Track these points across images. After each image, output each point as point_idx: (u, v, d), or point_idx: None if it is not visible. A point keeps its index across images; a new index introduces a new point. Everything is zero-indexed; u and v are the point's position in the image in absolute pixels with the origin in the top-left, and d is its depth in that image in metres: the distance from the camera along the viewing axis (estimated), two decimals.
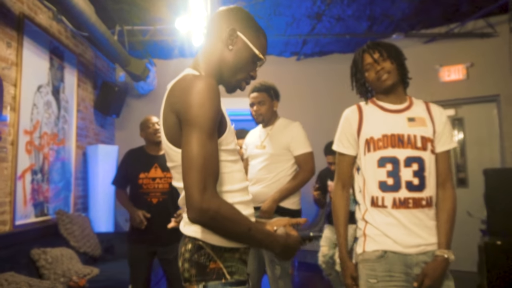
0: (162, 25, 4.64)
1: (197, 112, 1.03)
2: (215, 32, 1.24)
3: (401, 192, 1.54)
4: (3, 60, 3.21)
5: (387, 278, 1.52)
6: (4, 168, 3.22)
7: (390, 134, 1.56)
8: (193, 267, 1.13)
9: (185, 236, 1.18)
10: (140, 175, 2.85)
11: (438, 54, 5.07)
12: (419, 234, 1.52)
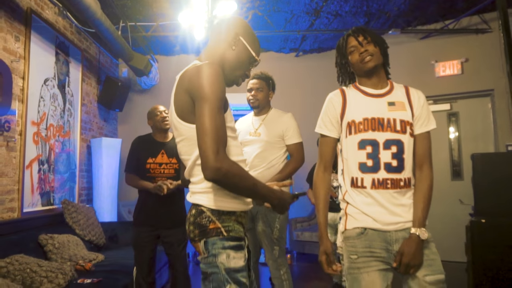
0: (164, 21, 4.76)
1: (209, 90, 1.24)
2: (221, 34, 1.47)
3: (380, 173, 1.59)
4: (11, 53, 3.34)
5: (368, 254, 1.58)
6: (12, 157, 3.35)
7: (371, 118, 1.62)
8: (196, 228, 1.33)
9: (191, 205, 1.38)
10: (147, 160, 2.97)
11: (433, 49, 5.19)
12: (397, 212, 1.58)
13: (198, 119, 1.23)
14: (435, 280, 1.53)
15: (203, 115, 1.22)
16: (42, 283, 2.48)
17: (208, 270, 1.28)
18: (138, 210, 3.01)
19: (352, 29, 1.72)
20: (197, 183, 1.36)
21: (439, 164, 5.22)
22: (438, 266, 1.56)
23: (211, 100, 1.23)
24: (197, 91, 1.25)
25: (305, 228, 5.32)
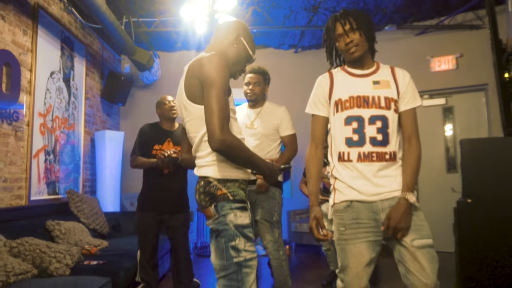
0: (166, 17, 4.88)
1: (216, 75, 1.47)
2: (225, 34, 1.69)
3: (365, 147, 1.69)
4: (19, 46, 3.46)
5: (355, 225, 1.68)
6: (20, 146, 3.47)
7: (356, 96, 1.72)
8: (206, 196, 1.55)
9: (198, 178, 1.60)
10: (154, 146, 3.09)
11: (429, 45, 5.31)
12: (381, 184, 1.68)
13: (206, 99, 1.46)
14: (423, 244, 1.61)
15: (210, 97, 1.44)
16: (51, 263, 2.60)
17: (220, 228, 1.50)
18: (142, 196, 3.12)
19: (340, 13, 1.77)
20: (203, 157, 1.57)
21: (434, 157, 5.35)
22: (425, 231, 1.64)
23: (217, 85, 1.45)
24: (206, 76, 1.48)
25: (304, 219, 5.44)
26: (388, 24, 5.14)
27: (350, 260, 1.68)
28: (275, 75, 3.10)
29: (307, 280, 4.00)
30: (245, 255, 1.49)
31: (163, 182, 3.02)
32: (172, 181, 3.03)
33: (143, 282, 3.06)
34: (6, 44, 3.26)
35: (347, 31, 1.72)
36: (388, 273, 3.97)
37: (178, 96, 1.67)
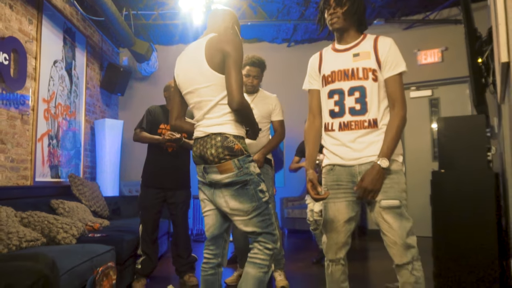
0: (164, 10, 5.08)
1: (237, 52, 1.79)
2: (222, 20, 1.98)
3: (345, 117, 1.82)
4: (25, 34, 3.65)
5: (335, 186, 1.85)
6: (26, 129, 3.66)
7: (337, 70, 1.86)
8: (225, 150, 1.78)
9: (211, 135, 1.82)
10: (160, 125, 3.28)
11: (416, 39, 5.55)
12: (359, 149, 1.80)
13: (229, 71, 1.77)
14: (388, 205, 1.73)
15: (234, 69, 1.77)
16: (58, 232, 2.79)
17: (247, 178, 1.81)
18: (146, 172, 3.30)
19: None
20: (218, 117, 1.83)
21: (421, 146, 5.60)
22: (394, 193, 1.74)
23: (238, 60, 1.79)
24: (229, 52, 1.78)
25: (296, 206, 5.65)
26: (377, 18, 5.37)
27: (330, 216, 1.88)
28: (268, 68, 3.34)
29: (299, 259, 4.21)
30: (267, 194, 1.87)
31: (167, 159, 3.21)
32: (176, 159, 3.22)
33: (144, 255, 3.24)
34: (14, 31, 3.45)
35: (331, 4, 1.82)
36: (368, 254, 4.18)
37: (186, 70, 1.88)
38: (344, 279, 1.92)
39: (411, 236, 1.75)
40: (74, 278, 2.07)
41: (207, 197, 1.93)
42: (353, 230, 1.91)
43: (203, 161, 1.86)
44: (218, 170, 1.80)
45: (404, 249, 1.74)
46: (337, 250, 1.87)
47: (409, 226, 1.75)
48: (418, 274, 1.74)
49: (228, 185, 1.81)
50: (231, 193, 1.83)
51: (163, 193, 3.25)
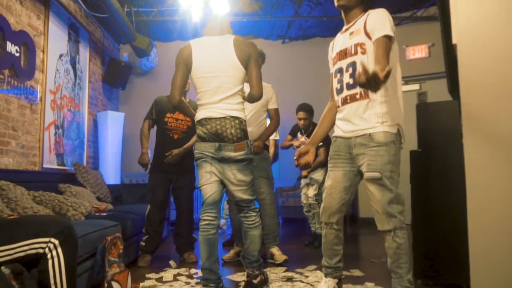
0: (164, 6, 5.31)
1: (257, 56, 2.34)
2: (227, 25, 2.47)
3: (344, 92, 2.00)
4: (34, 29, 3.87)
5: (335, 156, 2.07)
6: (34, 118, 3.88)
7: (339, 51, 2.03)
8: (242, 132, 2.25)
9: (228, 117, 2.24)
10: (167, 114, 3.51)
11: (404, 35, 5.80)
12: (356, 123, 1.96)
13: (253, 69, 2.30)
14: (370, 176, 1.92)
15: (256, 69, 2.31)
16: (68, 210, 3.03)
17: (251, 157, 2.30)
18: (154, 158, 3.53)
19: None
20: (234, 104, 2.26)
21: (409, 137, 5.84)
22: (376, 166, 1.89)
23: (257, 61, 2.35)
24: (253, 54, 2.30)
25: (290, 195, 5.90)
26: None
27: (328, 183, 2.09)
28: (264, 64, 3.60)
29: (292, 242, 4.45)
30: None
31: (172, 147, 3.44)
32: (180, 146, 3.45)
33: (147, 234, 3.47)
34: (23, 26, 3.67)
35: None
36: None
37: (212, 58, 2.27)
38: (338, 243, 2.11)
39: (394, 206, 1.88)
40: (86, 243, 2.30)
41: (216, 169, 2.28)
42: (348, 200, 2.08)
43: (219, 139, 2.22)
44: (233, 148, 2.21)
45: (385, 217, 1.90)
46: (330, 215, 2.08)
47: (391, 197, 1.88)
48: (400, 241, 1.89)
49: (238, 161, 2.24)
50: (239, 167, 2.25)
51: (169, 176, 3.49)
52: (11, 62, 3.40)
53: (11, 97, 3.47)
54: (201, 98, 2.31)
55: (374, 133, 1.92)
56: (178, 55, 2.37)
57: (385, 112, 1.93)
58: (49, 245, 1.54)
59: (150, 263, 3.37)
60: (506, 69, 2.03)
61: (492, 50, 2.06)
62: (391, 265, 1.93)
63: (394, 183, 1.92)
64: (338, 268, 2.15)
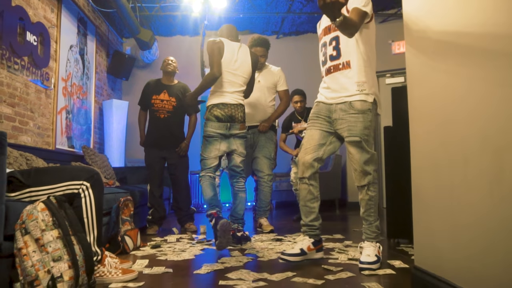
0: (166, 2, 5.69)
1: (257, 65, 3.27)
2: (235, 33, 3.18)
3: (327, 63, 2.28)
4: (49, 21, 4.25)
5: (315, 117, 2.35)
6: (49, 102, 4.26)
7: (324, 27, 2.33)
8: (244, 115, 3.02)
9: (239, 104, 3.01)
10: (153, 96, 3.90)
11: (390, 31, 6.22)
12: (337, 90, 2.25)
13: (253, 78, 3.13)
14: (351, 140, 2.22)
15: (253, 79, 3.18)
16: None
17: (246, 135, 3.09)
18: (148, 135, 3.93)
19: None
20: (241, 96, 3.05)
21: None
22: (356, 131, 2.19)
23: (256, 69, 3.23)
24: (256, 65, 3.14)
25: (283, 180, 6.29)
26: None
27: (306, 139, 2.39)
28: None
29: (283, 220, 4.85)
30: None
31: (161, 123, 3.84)
32: (169, 123, 3.86)
33: (152, 207, 3.85)
34: (40, 18, 4.05)
35: None
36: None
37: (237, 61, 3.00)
38: (311, 199, 2.33)
39: (370, 165, 2.22)
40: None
41: (224, 145, 2.97)
42: (321, 156, 2.32)
43: (231, 119, 2.93)
44: (239, 127, 2.97)
45: (362, 175, 2.23)
46: (304, 170, 2.33)
47: (367, 157, 2.21)
48: (372, 194, 2.27)
49: (241, 137, 3.03)
50: (241, 142, 3.04)
51: (161, 152, 3.86)
52: (30, 50, 3.77)
53: (29, 82, 3.84)
54: (219, 85, 2.95)
55: (354, 101, 2.21)
56: (212, 44, 2.96)
57: (363, 81, 2.22)
58: (82, 186, 1.92)
59: (157, 232, 3.76)
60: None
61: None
62: (363, 214, 2.32)
63: (370, 145, 2.24)
64: (313, 226, 2.35)
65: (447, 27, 1.48)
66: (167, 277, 2.07)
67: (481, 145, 1.23)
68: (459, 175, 1.35)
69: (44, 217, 1.60)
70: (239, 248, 2.80)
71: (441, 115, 1.50)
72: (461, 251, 1.36)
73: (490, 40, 1.21)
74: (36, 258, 1.54)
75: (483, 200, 1.22)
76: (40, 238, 1.57)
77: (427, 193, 1.63)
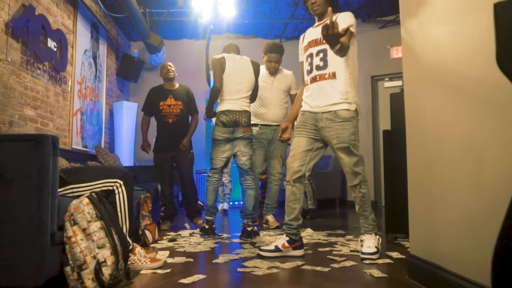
0: (174, 8, 5.93)
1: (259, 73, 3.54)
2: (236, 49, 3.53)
3: (313, 72, 2.47)
4: (66, 27, 4.48)
5: (302, 126, 2.52)
6: (65, 105, 4.49)
7: (311, 40, 2.52)
8: (249, 120, 3.31)
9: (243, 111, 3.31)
10: (160, 102, 4.11)
11: (389, 36, 6.46)
12: (321, 99, 2.43)
13: (256, 85, 3.42)
14: (339, 146, 2.42)
15: (257, 85, 3.47)
16: None
17: (252, 137, 3.37)
18: (158, 140, 4.13)
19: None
20: (246, 102, 3.33)
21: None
22: (344, 138, 2.40)
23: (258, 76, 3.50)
24: (258, 73, 3.45)
25: None
26: (355, 18, 6.27)
27: (293, 146, 2.57)
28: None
29: None
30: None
31: (168, 128, 4.06)
32: (177, 126, 4.08)
33: (164, 205, 4.08)
34: (59, 25, 4.28)
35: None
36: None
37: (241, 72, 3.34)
38: (293, 200, 2.52)
39: (359, 167, 2.44)
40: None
41: (228, 148, 3.29)
42: (308, 162, 2.50)
43: (235, 124, 3.22)
44: (243, 131, 3.25)
45: (353, 175, 2.46)
46: (292, 174, 2.50)
47: (356, 160, 2.42)
48: (364, 191, 2.50)
49: (245, 138, 3.30)
50: (244, 143, 3.32)
51: (171, 153, 4.08)
52: (50, 56, 4.01)
53: (49, 85, 4.07)
54: (227, 94, 3.30)
55: (339, 110, 2.40)
56: (215, 61, 3.35)
57: (347, 91, 2.43)
58: (116, 184, 2.17)
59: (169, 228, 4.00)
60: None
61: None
62: (359, 210, 2.56)
63: (357, 148, 2.46)
64: (291, 226, 2.51)
65: (439, 65, 1.73)
66: (189, 265, 2.31)
67: (465, 149, 1.48)
68: (448, 176, 1.61)
69: (89, 210, 1.84)
70: (249, 242, 3.05)
71: (432, 125, 1.75)
72: (450, 243, 1.61)
73: (466, 79, 1.46)
74: (83, 245, 1.78)
75: (468, 200, 1.47)
76: (87, 228, 1.81)
77: (422, 192, 1.88)
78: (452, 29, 1.61)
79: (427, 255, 1.78)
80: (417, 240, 1.91)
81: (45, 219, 1.68)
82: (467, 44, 1.49)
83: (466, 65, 1.50)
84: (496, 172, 1.30)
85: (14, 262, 1.63)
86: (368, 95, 6.69)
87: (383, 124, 6.53)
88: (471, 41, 1.46)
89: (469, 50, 1.48)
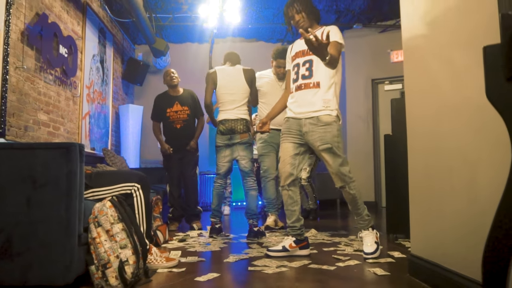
0: (178, 13, 6.06)
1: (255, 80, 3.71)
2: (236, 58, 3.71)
3: (299, 81, 2.59)
4: (76, 33, 4.61)
5: (287, 132, 2.63)
6: (75, 109, 4.62)
7: (298, 51, 2.64)
8: (246, 127, 3.53)
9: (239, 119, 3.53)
10: (167, 109, 4.23)
11: (389, 41, 6.60)
12: (305, 106, 2.55)
13: (253, 90, 3.64)
14: (323, 148, 2.50)
15: (253, 87, 3.66)
16: None
17: (251, 142, 3.55)
18: (165, 141, 4.27)
19: (289, 1, 2.66)
20: (242, 110, 3.53)
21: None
22: (326, 139, 2.48)
23: (255, 83, 3.70)
24: (253, 79, 3.65)
25: None
26: (356, 23, 6.41)
27: (282, 152, 2.71)
28: (264, 64, 4.31)
29: None
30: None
31: (176, 132, 4.18)
32: (185, 130, 4.20)
33: (172, 206, 4.21)
34: (69, 32, 4.41)
35: (294, 14, 2.63)
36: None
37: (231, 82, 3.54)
38: (292, 204, 2.65)
39: (344, 167, 2.52)
40: None
41: (228, 153, 3.53)
42: (297, 165, 2.64)
43: (232, 132, 3.46)
44: (240, 137, 3.47)
45: (339, 177, 2.54)
46: (285, 178, 2.63)
47: (340, 161, 2.50)
48: (353, 192, 2.58)
49: (242, 143, 3.51)
50: (243, 148, 3.52)
51: (177, 155, 4.18)
52: (62, 62, 4.14)
53: (61, 90, 4.20)
54: (222, 105, 3.58)
55: (321, 115, 2.53)
56: (208, 75, 3.66)
57: (329, 99, 2.56)
58: (134, 187, 2.30)
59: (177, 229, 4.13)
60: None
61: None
62: (352, 209, 2.69)
63: (341, 150, 2.54)
64: (294, 227, 2.63)
65: (438, 74, 1.87)
66: (202, 264, 2.45)
67: (463, 161, 1.62)
68: (446, 181, 1.74)
69: (112, 213, 1.97)
70: (256, 242, 3.19)
71: (432, 134, 1.89)
72: (449, 244, 1.75)
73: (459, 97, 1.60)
74: (107, 245, 1.92)
75: (463, 205, 1.60)
76: (110, 230, 1.94)
77: (422, 196, 2.01)
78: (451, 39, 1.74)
79: (427, 255, 1.92)
80: (418, 241, 2.05)
81: (73, 221, 1.81)
82: (464, 54, 1.63)
83: (464, 75, 1.63)
84: (489, 181, 1.44)
85: (46, 261, 1.76)
86: (369, 97, 6.83)
87: (383, 125, 6.68)
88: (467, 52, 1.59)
89: (466, 62, 1.61)
